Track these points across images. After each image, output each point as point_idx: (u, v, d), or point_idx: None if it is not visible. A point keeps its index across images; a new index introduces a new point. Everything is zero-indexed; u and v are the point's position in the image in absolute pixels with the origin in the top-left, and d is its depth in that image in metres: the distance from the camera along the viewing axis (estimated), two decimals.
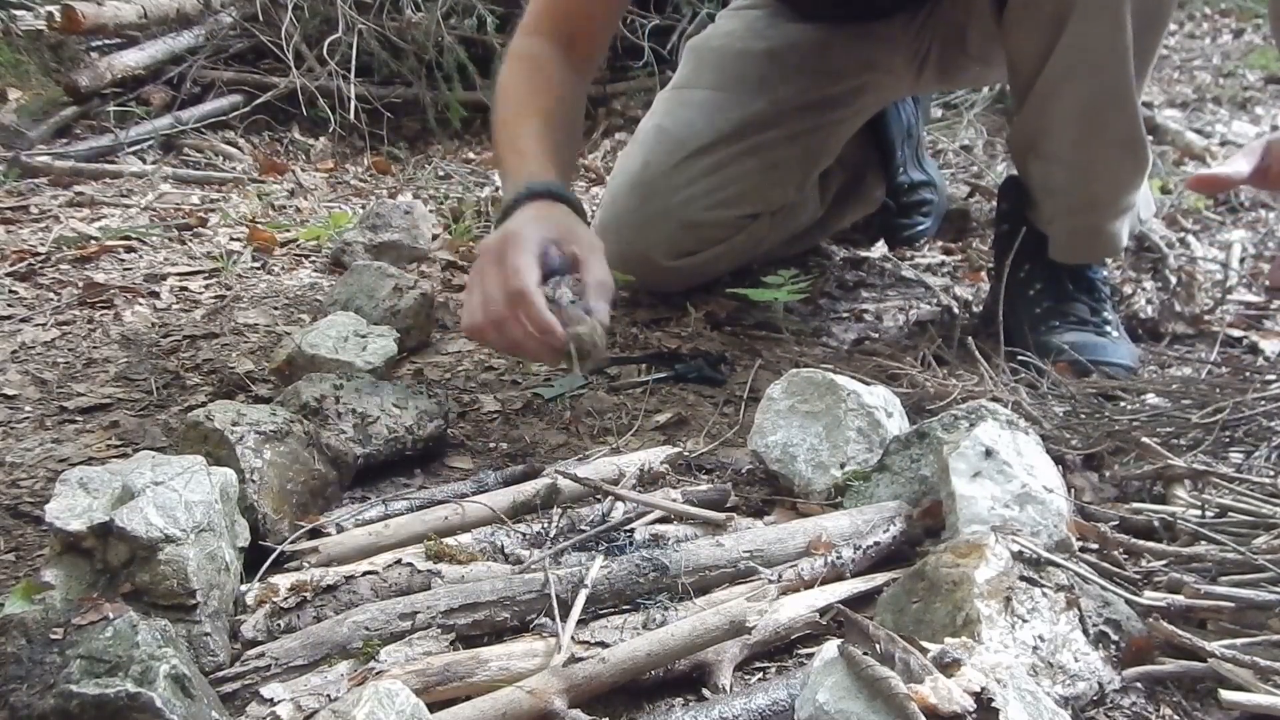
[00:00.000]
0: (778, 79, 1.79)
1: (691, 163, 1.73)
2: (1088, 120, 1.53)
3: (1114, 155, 1.57)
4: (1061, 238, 1.65)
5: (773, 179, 1.78)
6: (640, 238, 1.71)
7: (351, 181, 2.70)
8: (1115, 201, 1.61)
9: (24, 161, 2.52)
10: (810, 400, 1.20)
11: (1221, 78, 3.68)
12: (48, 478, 1.22)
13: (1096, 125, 1.53)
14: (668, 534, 1.06)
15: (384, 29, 2.93)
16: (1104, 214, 1.61)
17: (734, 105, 1.77)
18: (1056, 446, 1.20)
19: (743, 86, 1.79)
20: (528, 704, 0.79)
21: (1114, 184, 1.59)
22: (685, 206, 1.71)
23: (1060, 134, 1.56)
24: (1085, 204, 1.61)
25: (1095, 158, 1.57)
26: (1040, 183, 1.65)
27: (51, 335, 1.63)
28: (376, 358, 1.42)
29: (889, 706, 0.68)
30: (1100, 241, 1.64)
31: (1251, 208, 2.46)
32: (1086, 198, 1.60)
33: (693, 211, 1.71)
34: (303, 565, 0.99)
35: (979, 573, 0.85)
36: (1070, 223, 1.63)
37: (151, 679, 0.72)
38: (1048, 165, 1.61)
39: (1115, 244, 1.66)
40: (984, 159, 2.80)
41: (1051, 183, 1.62)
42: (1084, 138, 1.55)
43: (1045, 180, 1.63)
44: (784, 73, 1.80)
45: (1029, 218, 1.68)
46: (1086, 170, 1.58)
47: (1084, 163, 1.57)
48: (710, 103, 1.78)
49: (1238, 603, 0.89)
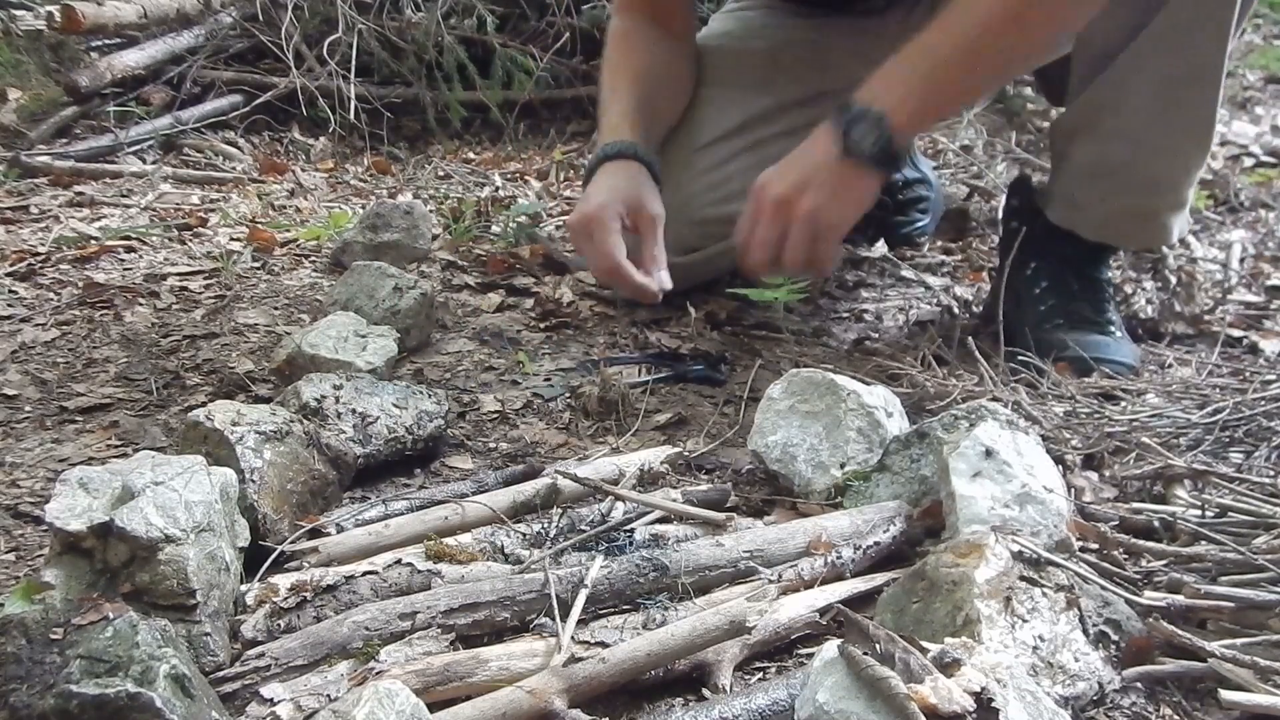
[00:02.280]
0: (777, 76, 1.80)
1: (695, 160, 1.74)
2: (1172, 97, 1.48)
3: (1185, 136, 1.53)
4: (1110, 218, 1.61)
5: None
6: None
7: (351, 181, 2.70)
8: (1175, 188, 1.58)
9: (24, 161, 2.52)
10: (810, 400, 1.20)
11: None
12: (48, 478, 1.22)
13: (1177, 102, 1.48)
14: (668, 534, 1.06)
15: (384, 29, 2.94)
16: (1162, 199, 1.58)
17: (735, 103, 1.78)
18: (1056, 446, 1.20)
19: (743, 84, 1.80)
20: (528, 704, 0.79)
21: (1178, 167, 1.56)
22: (690, 203, 1.72)
23: (1136, 109, 1.51)
24: (1145, 184, 1.57)
25: (1168, 136, 1.52)
26: (1092, 163, 1.59)
27: (51, 335, 1.63)
28: (376, 358, 1.42)
29: (889, 706, 0.68)
30: (1151, 228, 1.62)
31: (1252, 208, 2.46)
32: (1148, 178, 1.57)
33: (697, 208, 1.72)
34: (303, 565, 0.99)
35: (979, 573, 0.85)
36: (1123, 202, 1.59)
37: (151, 679, 0.72)
38: (1107, 143, 1.56)
39: (1165, 235, 1.63)
40: (984, 159, 2.80)
41: (1110, 160, 1.57)
42: (1163, 114, 1.50)
43: (1100, 159, 1.58)
44: (782, 70, 1.81)
45: (1045, 212, 1.67)
46: (1156, 148, 1.53)
47: (1155, 140, 1.52)
48: (712, 101, 1.79)
49: (1238, 603, 0.89)
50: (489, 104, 3.00)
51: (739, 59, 1.84)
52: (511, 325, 1.73)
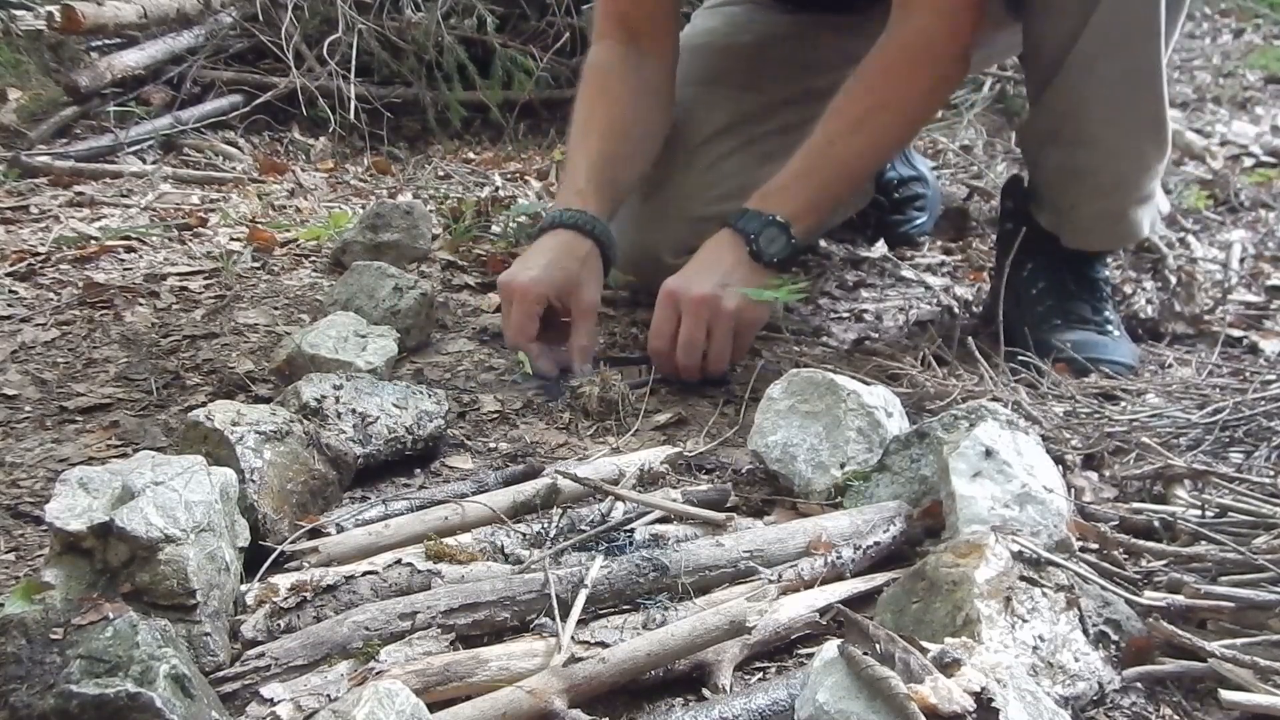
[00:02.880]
0: (763, 73, 1.82)
1: (689, 160, 1.74)
2: (1119, 98, 1.51)
3: (1141, 135, 1.55)
4: (1082, 223, 1.64)
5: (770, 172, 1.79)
6: (646, 236, 1.74)
7: (351, 181, 2.70)
8: (1140, 185, 1.60)
9: (24, 161, 2.52)
10: (810, 400, 1.20)
11: (1221, 78, 3.68)
12: (48, 478, 1.22)
13: (1127, 103, 1.51)
14: (668, 534, 1.06)
15: (384, 29, 2.94)
16: (1128, 197, 1.60)
17: (726, 100, 1.79)
18: (1056, 446, 1.20)
19: (731, 81, 1.81)
20: (528, 704, 0.79)
21: (1139, 165, 1.58)
22: (687, 202, 1.72)
23: (1091, 114, 1.54)
24: (1111, 185, 1.59)
25: (1124, 137, 1.55)
26: (1060, 170, 1.62)
27: (51, 335, 1.63)
28: (376, 358, 1.42)
29: (889, 706, 0.68)
30: (1122, 227, 1.64)
31: (1252, 208, 2.46)
32: (1113, 179, 1.59)
33: (695, 207, 1.72)
34: (303, 565, 0.99)
35: (979, 573, 0.85)
36: (1094, 206, 1.62)
37: (151, 679, 0.72)
38: (1073, 150, 1.58)
39: (1136, 231, 1.65)
40: (984, 159, 2.80)
41: (1076, 165, 1.59)
42: (1115, 116, 1.53)
43: (1068, 165, 1.61)
44: (769, 67, 1.82)
45: (1034, 216, 1.68)
46: (1115, 150, 1.56)
47: (1113, 142, 1.55)
48: (700, 100, 1.80)
49: (1238, 603, 0.89)
50: (489, 104, 3.00)
51: (725, 55, 1.85)
52: None
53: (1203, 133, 3.05)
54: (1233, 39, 4.26)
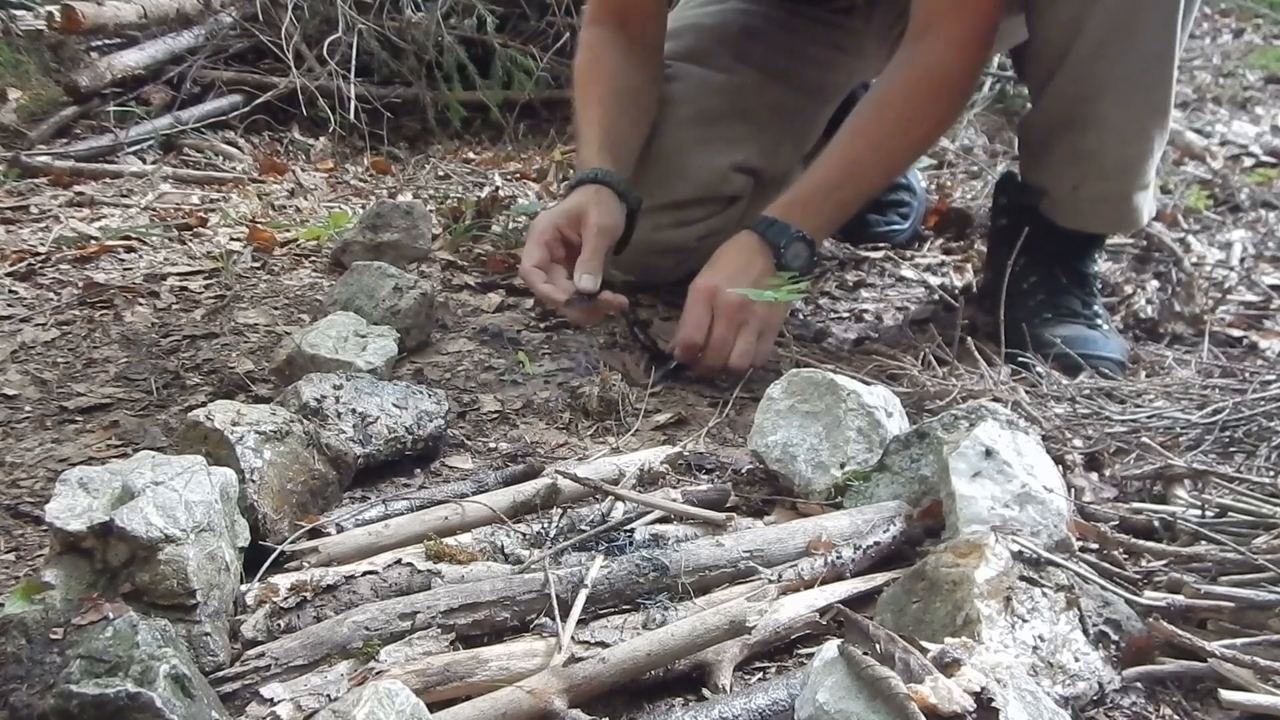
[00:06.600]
0: (752, 50, 1.85)
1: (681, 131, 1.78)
2: (1134, 81, 1.52)
3: (1151, 120, 1.56)
4: (1082, 204, 1.65)
5: (761, 141, 1.83)
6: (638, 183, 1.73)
7: (351, 181, 2.70)
8: (1143, 170, 1.61)
9: (24, 161, 2.52)
10: (810, 400, 1.20)
11: (1221, 78, 3.69)
12: (48, 478, 1.22)
13: (1141, 86, 1.53)
14: (668, 534, 1.06)
15: (384, 29, 2.93)
16: (1132, 182, 1.62)
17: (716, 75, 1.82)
18: (1056, 446, 1.20)
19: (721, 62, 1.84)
20: (528, 704, 0.79)
21: (1144, 150, 1.60)
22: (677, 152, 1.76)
23: (1106, 96, 1.54)
24: (1116, 168, 1.61)
25: (1135, 120, 1.56)
26: (1066, 152, 1.63)
27: (51, 335, 1.63)
28: (376, 358, 1.42)
29: (889, 706, 0.68)
30: (1123, 212, 1.66)
31: (1252, 208, 2.46)
32: (1118, 162, 1.60)
33: (685, 154, 1.76)
34: (303, 565, 0.99)
35: (979, 573, 0.85)
36: (1100, 188, 1.63)
37: (151, 679, 0.72)
38: (1083, 133, 1.59)
39: (1137, 217, 1.68)
40: (984, 159, 2.80)
41: (1084, 147, 1.60)
42: (1128, 100, 1.54)
43: (1075, 148, 1.61)
44: (755, 45, 1.86)
45: (1034, 204, 1.68)
46: (1124, 133, 1.58)
47: (1124, 125, 1.57)
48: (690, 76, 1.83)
49: (1238, 603, 0.89)
50: (489, 104, 3.00)
51: (712, 34, 1.88)
52: (511, 325, 1.73)
53: (1203, 133, 3.05)
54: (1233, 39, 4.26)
